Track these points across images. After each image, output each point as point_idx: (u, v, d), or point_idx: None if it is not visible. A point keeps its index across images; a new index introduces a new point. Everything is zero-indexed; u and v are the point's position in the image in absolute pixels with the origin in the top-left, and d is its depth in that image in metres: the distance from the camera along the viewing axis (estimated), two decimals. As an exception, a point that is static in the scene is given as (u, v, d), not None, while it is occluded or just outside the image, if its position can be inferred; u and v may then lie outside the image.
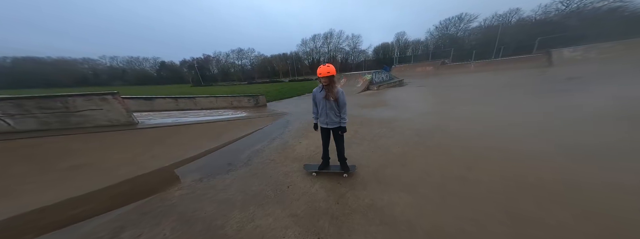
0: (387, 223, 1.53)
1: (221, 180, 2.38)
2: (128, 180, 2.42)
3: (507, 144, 2.72)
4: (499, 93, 6.39)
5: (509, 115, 4.07)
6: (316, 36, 53.69)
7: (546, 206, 1.58)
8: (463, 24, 36.91)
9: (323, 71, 1.77)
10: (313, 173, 2.28)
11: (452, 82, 10.84)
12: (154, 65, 64.93)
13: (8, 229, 1.72)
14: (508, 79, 9.24)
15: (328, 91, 1.87)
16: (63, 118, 2.68)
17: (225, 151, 3.33)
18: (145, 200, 2.06)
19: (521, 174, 2.01)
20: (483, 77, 11.31)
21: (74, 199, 2.07)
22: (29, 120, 2.47)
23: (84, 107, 2.81)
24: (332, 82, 1.85)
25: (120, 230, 1.65)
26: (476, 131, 3.33)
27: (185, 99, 6.16)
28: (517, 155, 2.41)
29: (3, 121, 2.31)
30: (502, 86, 7.70)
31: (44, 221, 1.80)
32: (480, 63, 15.94)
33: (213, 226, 1.63)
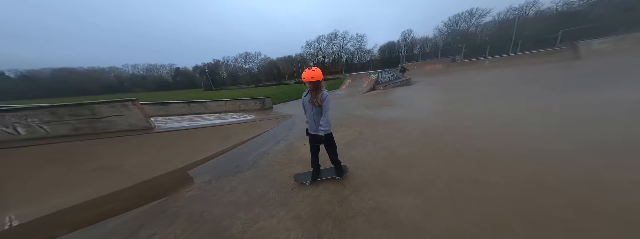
0: (392, 227, 1.49)
1: (228, 181, 2.46)
2: (146, 181, 2.58)
3: (524, 144, 2.55)
4: (517, 90, 6.02)
5: (527, 113, 3.82)
6: (320, 37, 53.94)
7: (567, 211, 1.46)
8: (474, 19, 35.25)
9: (307, 76, 1.69)
10: (307, 183, 2.14)
11: (464, 79, 10.37)
12: (170, 71, 69.35)
13: (43, 226, 1.89)
14: (527, 74, 8.66)
15: (312, 96, 1.78)
16: (91, 124, 2.93)
17: (232, 154, 3.44)
18: (160, 200, 2.18)
19: (540, 175, 1.87)
20: (499, 73, 10.71)
21: (99, 199, 2.24)
22: (62, 126, 2.72)
23: (108, 113, 3.04)
24: (317, 87, 1.75)
25: (138, 229, 1.75)
26: (490, 130, 3.16)
27: (196, 103, 6.46)
28: (536, 155, 2.25)
29: (40, 128, 2.56)
30: (520, 82, 7.24)
31: (74, 218, 1.97)
32: (495, 58, 15.06)
33: (220, 227, 1.68)
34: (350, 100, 7.97)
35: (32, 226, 1.87)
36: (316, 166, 2.12)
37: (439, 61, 18.69)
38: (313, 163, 2.11)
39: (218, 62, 62.09)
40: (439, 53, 21.93)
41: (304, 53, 55.36)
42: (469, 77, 10.83)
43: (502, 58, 14.56)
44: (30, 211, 2.00)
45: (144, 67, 67.31)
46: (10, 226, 1.83)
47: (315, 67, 1.74)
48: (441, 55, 21.48)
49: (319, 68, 1.73)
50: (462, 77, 11.26)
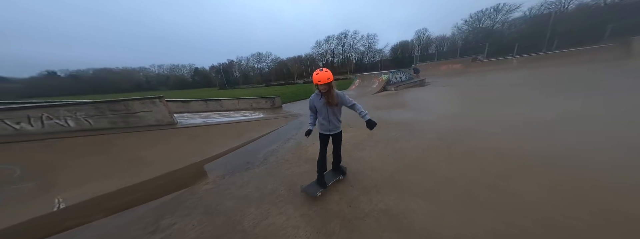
0: (402, 230, 1.46)
1: (240, 177, 2.56)
2: (168, 173, 2.77)
3: (554, 151, 2.34)
4: (550, 92, 5.50)
5: (561, 117, 3.48)
6: (330, 37, 53.75)
7: (600, 224, 1.32)
8: (501, 16, 32.40)
9: (322, 78, 1.58)
10: (317, 194, 1.91)
11: (487, 80, 9.69)
12: (189, 71, 74.56)
13: (85, 209, 2.12)
14: (565, 75, 7.88)
15: (328, 97, 1.72)
16: (125, 119, 3.20)
17: (244, 150, 3.58)
18: (180, 192, 2.34)
19: (572, 185, 1.71)
20: (529, 73, 9.82)
21: (130, 188, 2.45)
22: (103, 119, 3.02)
23: (139, 109, 3.31)
24: (331, 87, 1.71)
25: (160, 218, 1.89)
26: (514, 135, 2.94)
27: (213, 101, 6.81)
28: (568, 163, 2.06)
29: (86, 121, 2.88)
30: (555, 83, 6.60)
31: (108, 204, 2.18)
32: (525, 57, 13.63)
33: (232, 221, 1.76)
34: (359, 101, 7.59)
35: (74, 209, 2.10)
36: (322, 172, 2.01)
37: (457, 61, 17.63)
38: (319, 168, 1.99)
39: (232, 62, 64.90)
40: (457, 53, 20.66)
41: (313, 54, 55.69)
42: (492, 78, 10.12)
43: (534, 57, 13.11)
44: (75, 194, 2.25)
45: (168, 67, 73.54)
46: (59, 208, 2.08)
47: (324, 68, 1.67)
48: (460, 54, 20.23)
49: (328, 69, 1.68)
50: (485, 78, 10.56)
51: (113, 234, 1.74)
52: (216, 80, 60.68)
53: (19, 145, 2.38)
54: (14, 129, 2.40)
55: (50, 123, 2.62)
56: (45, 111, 2.60)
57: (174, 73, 72.94)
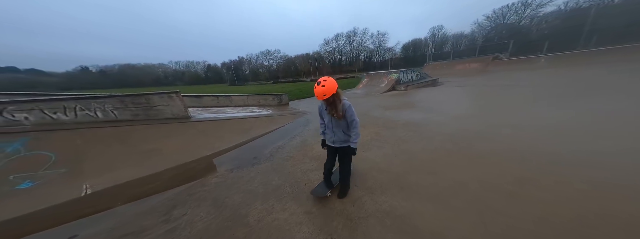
0: (407, 232, 1.43)
1: (247, 172, 2.64)
2: (181, 165, 2.92)
3: (576, 157, 2.17)
4: (584, 94, 5.00)
5: (596, 122, 3.15)
6: (339, 35, 52.97)
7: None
8: (529, 10, 29.56)
9: (318, 94, 1.43)
10: (327, 194, 1.89)
11: (508, 80, 9.03)
12: (203, 67, 78.00)
13: (106, 195, 2.29)
14: (606, 76, 7.11)
15: (332, 110, 1.57)
16: (146, 111, 3.42)
17: (251, 146, 3.66)
18: (191, 184, 2.45)
19: (597, 194, 1.58)
20: (560, 73, 8.97)
21: (147, 177, 2.61)
22: (126, 112, 3.23)
23: (158, 102, 3.51)
24: (334, 100, 1.53)
25: (172, 208, 2.00)
26: (538, 141, 2.72)
27: (223, 97, 7.05)
28: (591, 170, 1.89)
29: (112, 113, 3.10)
30: (591, 84, 6.00)
31: (128, 192, 2.34)
32: (555, 56, 12.16)
33: (238, 214, 1.82)
34: (366, 100, 7.73)
35: (98, 196, 2.28)
36: (329, 178, 1.96)
37: (475, 60, 16.51)
38: (326, 175, 1.94)
39: (242, 59, 66.73)
40: (476, 51, 19.37)
41: (321, 51, 55.33)
42: (515, 78, 9.42)
43: (567, 56, 11.59)
44: (99, 181, 2.44)
45: (184, 63, 77.80)
46: (86, 193, 2.27)
47: (325, 77, 1.46)
48: (479, 52, 18.97)
49: (330, 78, 1.46)
50: (506, 78, 9.86)
51: (131, 222, 1.86)
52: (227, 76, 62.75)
53: (56, 133, 2.61)
54: (51, 119, 2.64)
55: (82, 114, 2.86)
56: (79, 103, 2.84)
57: (189, 69, 76.96)
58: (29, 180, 2.20)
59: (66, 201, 2.15)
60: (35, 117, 2.53)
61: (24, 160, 2.31)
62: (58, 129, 2.61)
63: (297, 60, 57.97)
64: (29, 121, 2.50)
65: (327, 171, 1.92)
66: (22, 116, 2.45)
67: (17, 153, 2.28)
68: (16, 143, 2.30)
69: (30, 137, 2.40)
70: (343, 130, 1.67)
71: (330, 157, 1.85)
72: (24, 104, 2.47)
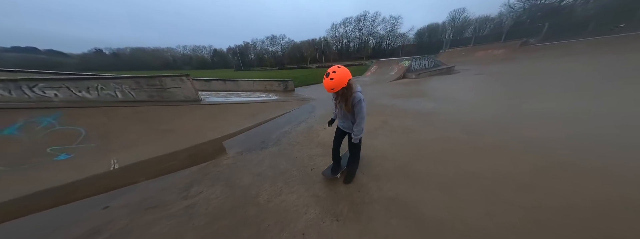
0: (412, 219, 1.47)
1: (256, 155, 2.73)
2: (195, 146, 3.06)
3: (614, 154, 2.01)
4: (623, 83, 4.52)
5: (613, 114, 2.93)
6: (347, 20, 49.19)
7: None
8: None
9: (327, 87, 1.33)
10: (337, 176, 1.97)
11: (536, 68, 8.24)
12: (209, 52, 77.96)
13: (130, 172, 2.48)
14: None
15: (340, 101, 1.50)
16: (159, 93, 3.52)
17: (259, 130, 3.74)
18: (205, 164, 2.59)
19: (623, 193, 1.52)
20: (601, 59, 7.91)
21: (165, 156, 2.78)
22: (142, 93, 3.35)
23: (170, 85, 3.59)
24: (346, 91, 1.41)
25: (190, 185, 2.15)
26: (562, 132, 2.57)
27: (230, 82, 7.06)
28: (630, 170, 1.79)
29: (129, 93, 3.22)
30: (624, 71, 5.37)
31: (149, 169, 2.52)
32: (602, 39, 10.32)
33: (249, 195, 1.93)
34: (374, 88, 7.46)
35: (124, 170, 2.48)
36: (337, 160, 2.01)
37: (500, 45, 14.90)
38: (334, 157, 1.98)
39: (247, 44, 65.03)
40: (502, 36, 17.22)
41: (328, 37, 52.28)
42: (543, 66, 8.54)
43: (617, 39, 9.88)
44: (124, 157, 2.63)
45: (191, 47, 77.64)
46: (114, 168, 2.47)
47: (336, 68, 1.32)
48: (506, 37, 16.90)
49: (341, 69, 1.32)
50: (534, 65, 8.97)
51: (154, 197, 2.03)
52: (233, 61, 62.01)
53: (83, 110, 2.74)
54: (77, 96, 2.78)
55: (104, 94, 3.00)
56: (100, 82, 2.96)
57: (196, 53, 77.28)
58: (65, 153, 2.41)
59: (97, 174, 2.36)
60: (63, 94, 2.68)
61: (58, 134, 2.49)
62: (84, 106, 2.75)
63: (303, 46, 55.45)
64: (58, 98, 2.65)
65: (335, 151, 1.95)
66: (52, 93, 2.60)
67: (51, 127, 2.45)
68: (50, 117, 2.46)
69: (61, 113, 2.55)
70: (351, 121, 1.64)
71: (337, 136, 1.87)
72: (53, 82, 2.59)
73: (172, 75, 3.58)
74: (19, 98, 2.37)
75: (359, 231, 1.41)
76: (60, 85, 2.64)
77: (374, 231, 1.40)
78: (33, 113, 2.36)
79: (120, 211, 1.82)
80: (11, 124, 2.22)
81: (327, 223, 1.51)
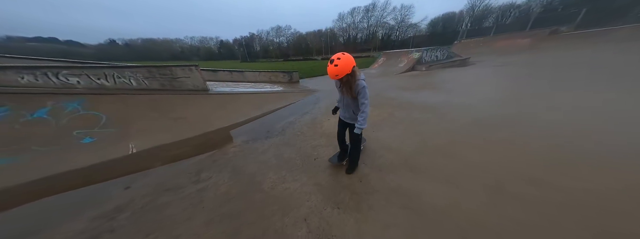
0: (412, 208, 1.49)
1: (261, 144, 2.80)
2: (203, 134, 3.18)
3: (627, 149, 1.90)
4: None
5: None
6: (355, 9, 46.56)
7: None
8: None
9: (331, 74, 1.33)
10: (344, 163, 2.06)
11: (565, 58, 7.51)
12: (216, 43, 78.54)
13: (147, 156, 2.65)
14: None
15: (344, 88, 1.49)
16: (170, 82, 3.64)
17: (264, 120, 3.80)
18: (213, 151, 2.70)
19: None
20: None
21: (177, 142, 2.92)
22: (155, 81, 3.47)
23: (180, 74, 3.69)
24: (351, 78, 1.41)
25: (199, 171, 2.26)
26: (581, 126, 2.43)
27: (236, 73, 7.11)
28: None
29: (143, 82, 3.35)
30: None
31: (164, 154, 2.67)
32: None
33: (254, 181, 2.01)
34: (381, 80, 7.23)
35: (141, 155, 2.65)
36: (343, 148, 2.04)
37: (525, 34, 13.51)
38: (340, 145, 2.02)
39: (253, 36, 64.33)
40: (528, 24, 15.40)
41: (334, 28, 50.18)
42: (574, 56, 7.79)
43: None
44: (141, 143, 2.80)
45: (198, 39, 78.73)
46: (132, 152, 2.64)
47: (340, 54, 1.32)
48: (534, 25, 15.21)
49: (345, 55, 1.31)
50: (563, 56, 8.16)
51: (168, 181, 2.16)
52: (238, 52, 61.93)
53: (102, 97, 2.90)
54: (97, 84, 2.93)
55: (120, 81, 3.14)
56: (116, 71, 3.09)
57: (203, 44, 78.56)
58: (89, 136, 2.59)
59: (118, 157, 2.54)
60: (84, 82, 2.83)
61: (82, 118, 2.66)
62: (103, 93, 2.90)
63: (308, 37, 53.91)
64: (80, 85, 2.80)
65: (341, 141, 1.98)
66: (75, 80, 2.76)
67: (76, 111, 2.62)
68: (75, 103, 2.63)
69: (85, 99, 2.71)
70: (353, 110, 1.63)
71: (340, 129, 1.91)
72: (74, 69, 2.75)
73: (181, 65, 3.68)
74: (45, 84, 2.53)
75: (358, 219, 1.45)
76: (81, 72, 2.78)
77: (373, 219, 1.43)
78: (59, 98, 2.52)
79: (140, 192, 1.97)
80: (41, 108, 2.39)
81: (328, 210, 1.56)
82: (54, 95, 2.50)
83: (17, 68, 2.34)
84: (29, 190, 1.95)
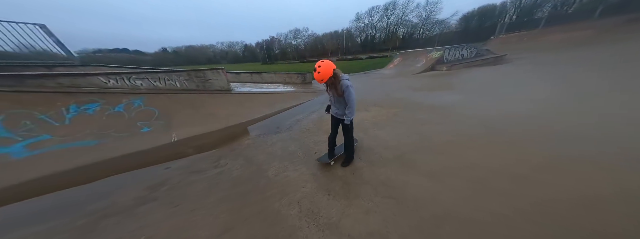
0: (394, 198, 1.61)
1: (270, 138, 3.14)
2: (226, 128, 3.69)
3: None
4: None
5: None
6: (374, 9, 44.86)
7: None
8: None
9: (317, 79, 1.62)
10: (331, 163, 2.17)
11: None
12: (241, 47, 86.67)
13: (183, 144, 3.20)
14: None
15: (330, 89, 1.74)
16: (203, 83, 4.28)
17: (276, 117, 4.19)
18: (232, 143, 3.14)
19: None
20: None
21: (206, 134, 3.46)
22: (192, 83, 4.16)
23: (210, 76, 4.32)
24: (334, 80, 1.66)
25: (219, 158, 2.70)
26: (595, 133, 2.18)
27: (255, 74, 7.78)
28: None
29: (184, 83, 4.07)
30: None
31: (194, 144, 3.20)
32: None
33: (261, 169, 2.33)
34: (394, 81, 7.07)
35: (180, 143, 3.24)
36: (332, 146, 2.19)
37: (588, 24, 10.86)
38: (330, 144, 2.17)
39: (273, 39, 67.77)
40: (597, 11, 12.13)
41: (351, 28, 49.36)
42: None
43: None
44: (180, 133, 3.41)
45: (227, 43, 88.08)
46: (173, 140, 3.26)
47: (320, 62, 1.58)
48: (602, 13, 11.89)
49: (325, 62, 1.58)
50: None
51: (195, 164, 2.63)
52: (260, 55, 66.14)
53: (156, 96, 3.63)
54: (153, 85, 3.69)
55: (168, 83, 3.86)
56: (166, 75, 3.82)
57: (230, 49, 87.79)
58: (147, 126, 3.28)
59: (164, 144, 3.16)
60: (145, 84, 3.60)
61: (143, 112, 3.36)
62: (157, 93, 3.64)
63: (325, 39, 54.37)
64: (142, 87, 3.57)
65: (331, 140, 2.17)
66: (139, 82, 3.53)
67: (139, 107, 3.34)
68: (139, 100, 3.35)
69: (144, 97, 3.44)
70: (343, 106, 1.82)
71: (332, 127, 2.11)
72: (139, 74, 3.54)
73: (211, 68, 4.30)
74: (121, 86, 3.33)
75: (344, 204, 1.62)
76: (143, 77, 3.55)
77: (357, 205, 1.59)
78: (129, 97, 3.28)
79: (176, 172, 2.46)
80: (119, 104, 3.16)
81: (319, 196, 1.76)
82: (127, 94, 3.25)
83: (106, 75, 3.18)
84: (106, 167, 2.61)
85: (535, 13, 26.16)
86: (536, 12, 26.54)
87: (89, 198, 2.05)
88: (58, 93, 2.69)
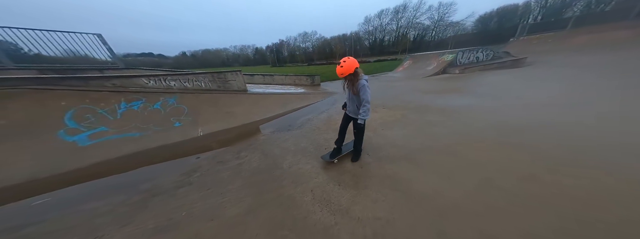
0: (401, 191, 1.75)
1: (283, 134, 3.39)
2: (243, 125, 4.02)
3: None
4: None
5: None
6: (383, 11, 44.75)
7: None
8: None
9: (338, 73, 1.77)
10: (335, 161, 2.27)
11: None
12: (252, 50, 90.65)
13: (208, 138, 3.55)
14: None
15: (348, 85, 1.88)
16: (223, 84, 4.71)
17: (288, 116, 4.46)
18: (249, 139, 3.42)
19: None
20: None
21: (227, 130, 3.80)
22: (214, 83, 4.61)
23: (230, 78, 4.74)
24: (353, 77, 1.79)
25: (239, 152, 2.96)
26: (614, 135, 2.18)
27: (267, 76, 8.26)
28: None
29: (208, 84, 4.53)
30: None
31: (217, 138, 3.53)
32: None
33: (276, 161, 2.56)
34: (404, 84, 7.07)
35: (205, 138, 3.60)
36: (340, 145, 2.30)
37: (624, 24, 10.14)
38: (338, 140, 2.27)
39: (282, 42, 69.50)
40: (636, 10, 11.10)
41: (359, 31, 49.19)
42: None
43: None
44: (205, 129, 3.78)
45: (239, 47, 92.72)
46: (199, 135, 3.64)
47: (346, 58, 1.72)
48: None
49: (350, 59, 1.71)
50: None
51: (220, 156, 2.92)
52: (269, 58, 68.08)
53: (185, 95, 4.04)
54: (183, 86, 4.14)
55: (195, 84, 4.31)
56: (193, 77, 4.29)
57: (242, 52, 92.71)
58: (178, 122, 3.69)
59: (193, 137, 3.54)
60: (177, 84, 4.07)
61: (176, 109, 3.78)
62: (186, 92, 4.07)
63: (333, 42, 54.65)
64: (175, 87, 4.05)
65: (340, 135, 2.27)
66: (173, 83, 4.02)
67: (173, 105, 3.76)
68: (172, 99, 3.78)
69: (177, 96, 3.88)
70: (356, 105, 1.95)
71: (343, 121, 2.23)
72: (173, 76, 4.02)
73: (230, 70, 4.73)
74: (158, 86, 3.83)
75: (353, 194, 1.80)
76: (176, 78, 4.05)
77: (365, 195, 1.76)
78: (165, 95, 3.74)
79: (204, 162, 2.76)
80: (157, 102, 3.60)
81: (330, 186, 1.95)
82: (163, 93, 3.72)
83: (147, 76, 3.70)
84: (147, 155, 3.01)
85: (564, 12, 23.93)
86: (566, 11, 24.20)
87: (137, 181, 2.40)
88: (113, 92, 3.15)
